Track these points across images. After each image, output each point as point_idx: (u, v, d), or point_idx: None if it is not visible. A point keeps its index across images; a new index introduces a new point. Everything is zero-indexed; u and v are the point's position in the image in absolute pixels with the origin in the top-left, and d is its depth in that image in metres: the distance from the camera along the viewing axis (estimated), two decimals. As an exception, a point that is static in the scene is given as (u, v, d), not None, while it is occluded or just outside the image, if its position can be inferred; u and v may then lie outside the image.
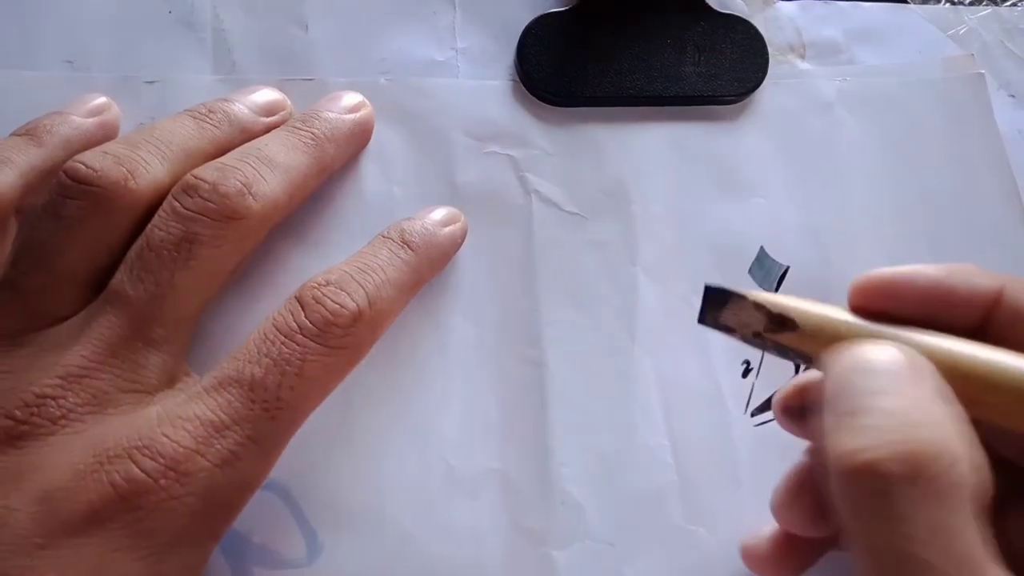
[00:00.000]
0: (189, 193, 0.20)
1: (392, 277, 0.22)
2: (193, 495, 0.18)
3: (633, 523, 0.24)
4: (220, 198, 0.21)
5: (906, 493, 0.15)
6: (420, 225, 0.24)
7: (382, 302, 0.21)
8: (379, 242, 0.23)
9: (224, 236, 0.21)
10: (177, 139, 0.22)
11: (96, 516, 0.17)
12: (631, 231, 0.27)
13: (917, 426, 0.15)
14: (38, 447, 0.18)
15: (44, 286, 0.20)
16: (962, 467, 0.15)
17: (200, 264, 0.20)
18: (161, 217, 0.20)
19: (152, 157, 0.21)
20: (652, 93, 0.28)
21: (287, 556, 0.22)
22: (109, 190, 0.20)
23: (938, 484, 0.15)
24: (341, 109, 0.25)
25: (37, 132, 0.22)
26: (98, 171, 0.20)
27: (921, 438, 0.15)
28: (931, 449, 0.15)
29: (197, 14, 0.26)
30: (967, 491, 0.15)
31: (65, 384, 0.19)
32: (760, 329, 0.18)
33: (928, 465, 0.15)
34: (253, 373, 0.19)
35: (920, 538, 0.15)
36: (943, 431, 0.15)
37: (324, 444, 0.23)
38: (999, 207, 0.29)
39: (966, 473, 0.15)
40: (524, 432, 0.24)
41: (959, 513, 0.15)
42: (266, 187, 0.21)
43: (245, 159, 0.22)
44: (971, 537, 0.15)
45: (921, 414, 0.16)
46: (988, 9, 0.32)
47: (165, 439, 0.18)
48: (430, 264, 0.23)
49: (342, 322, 0.20)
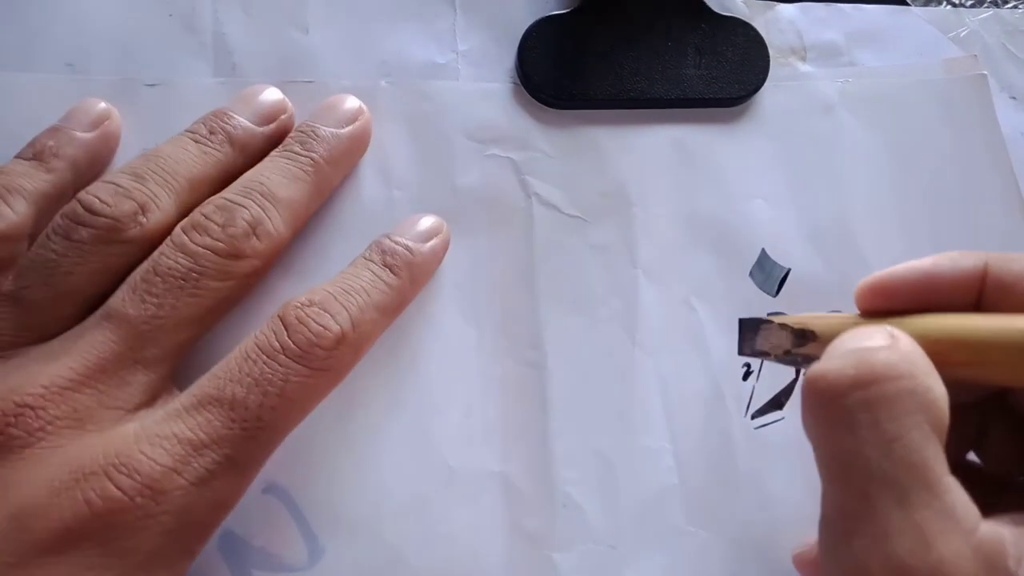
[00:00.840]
0: (199, 231, 0.21)
1: (375, 300, 0.22)
2: (168, 514, 0.18)
3: (634, 525, 0.24)
4: (228, 239, 0.21)
5: (857, 398, 0.17)
6: (402, 245, 0.23)
7: (365, 325, 0.21)
8: (361, 263, 0.23)
9: (229, 272, 0.21)
10: (182, 169, 0.22)
11: (70, 535, 0.17)
12: (632, 234, 0.27)
13: (874, 350, 0.17)
14: (13, 461, 0.18)
15: (45, 302, 0.20)
16: (914, 382, 0.17)
17: (204, 295, 0.21)
18: (170, 247, 0.21)
19: (160, 190, 0.22)
20: (653, 95, 0.28)
21: (288, 560, 0.22)
22: (121, 222, 0.21)
23: (885, 389, 0.17)
24: (339, 121, 0.25)
25: (43, 156, 0.22)
26: (111, 206, 0.21)
27: (876, 359, 0.17)
28: (883, 366, 0.17)
29: (197, 17, 0.26)
30: (918, 402, 0.17)
31: (47, 395, 0.19)
32: (789, 347, 0.20)
33: (878, 375, 0.17)
34: (234, 393, 0.19)
35: (870, 440, 0.16)
36: (897, 355, 0.17)
37: (325, 448, 0.23)
38: (1001, 209, 0.29)
39: (919, 389, 0.17)
40: (525, 434, 0.24)
41: (908, 418, 0.16)
42: (270, 226, 0.22)
43: (250, 196, 0.22)
44: (921, 444, 0.16)
45: (881, 347, 0.17)
46: (990, 11, 0.32)
47: (142, 457, 0.18)
48: (412, 284, 0.24)
49: (325, 344, 0.20)
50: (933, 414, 0.17)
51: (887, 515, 0.16)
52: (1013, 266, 0.19)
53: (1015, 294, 0.19)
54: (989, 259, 0.20)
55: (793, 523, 0.24)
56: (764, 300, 0.27)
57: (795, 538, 0.24)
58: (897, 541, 0.16)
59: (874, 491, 0.16)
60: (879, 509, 0.16)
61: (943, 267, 0.20)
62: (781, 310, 0.26)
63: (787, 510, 0.24)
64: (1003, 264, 0.20)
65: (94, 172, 0.23)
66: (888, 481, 0.16)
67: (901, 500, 0.16)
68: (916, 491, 0.16)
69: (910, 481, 0.16)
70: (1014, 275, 0.19)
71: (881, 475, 0.16)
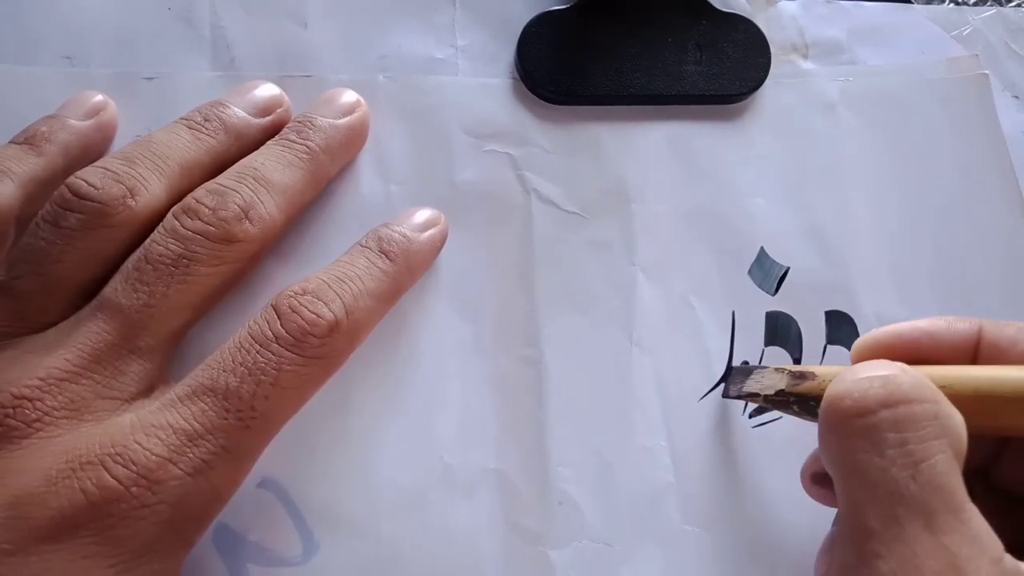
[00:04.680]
0: (189, 215, 0.21)
1: (370, 287, 0.22)
2: (164, 504, 0.18)
3: (631, 523, 0.24)
4: (219, 222, 0.21)
5: (886, 416, 0.17)
6: (399, 233, 0.23)
7: (359, 312, 0.21)
8: (357, 251, 0.23)
9: (221, 257, 0.21)
10: (174, 153, 0.22)
11: (66, 523, 0.17)
12: (631, 231, 0.26)
13: (898, 377, 0.18)
14: (11, 451, 0.18)
15: (37, 291, 0.20)
16: (937, 407, 0.17)
17: (196, 281, 0.21)
18: (161, 234, 0.21)
19: (150, 174, 0.21)
20: (653, 92, 0.27)
21: (283, 554, 0.22)
22: (109, 205, 0.20)
23: (914, 410, 0.17)
24: (336, 112, 0.24)
25: (35, 140, 0.22)
26: (99, 189, 0.21)
27: (902, 380, 0.17)
28: (910, 387, 0.17)
29: (196, 10, 0.26)
30: (942, 426, 0.17)
31: (44, 387, 0.19)
32: (783, 387, 0.21)
33: (906, 396, 0.17)
34: (228, 382, 0.19)
35: (898, 461, 0.17)
36: (921, 383, 0.18)
37: (321, 443, 0.23)
38: (1002, 208, 0.29)
39: (942, 414, 0.17)
40: (522, 432, 0.24)
41: (935, 442, 0.17)
42: (263, 210, 0.22)
43: (243, 180, 0.22)
44: (947, 468, 0.17)
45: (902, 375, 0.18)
46: (992, 9, 0.32)
47: (138, 447, 0.18)
48: (409, 272, 0.23)
49: (319, 332, 0.20)
50: (955, 440, 0.17)
51: (916, 538, 0.16)
52: (1007, 331, 0.20)
53: (1009, 358, 0.20)
54: (983, 324, 0.20)
55: (790, 522, 0.24)
56: (763, 298, 0.26)
57: (792, 537, 0.24)
58: (927, 565, 0.16)
59: (902, 512, 0.16)
60: (907, 531, 0.16)
61: (939, 328, 0.21)
62: (780, 308, 0.26)
63: (784, 509, 0.24)
64: (997, 330, 0.20)
65: (87, 161, 0.23)
66: (917, 504, 0.16)
67: (929, 523, 0.16)
68: (943, 515, 0.16)
69: (937, 505, 0.16)
70: (1008, 339, 0.20)
71: (910, 497, 0.16)
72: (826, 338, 0.26)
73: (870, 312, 0.27)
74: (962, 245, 0.28)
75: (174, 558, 0.19)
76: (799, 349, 0.26)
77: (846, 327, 0.26)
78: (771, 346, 0.26)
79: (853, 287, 0.27)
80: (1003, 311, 0.27)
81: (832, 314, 0.27)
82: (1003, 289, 0.28)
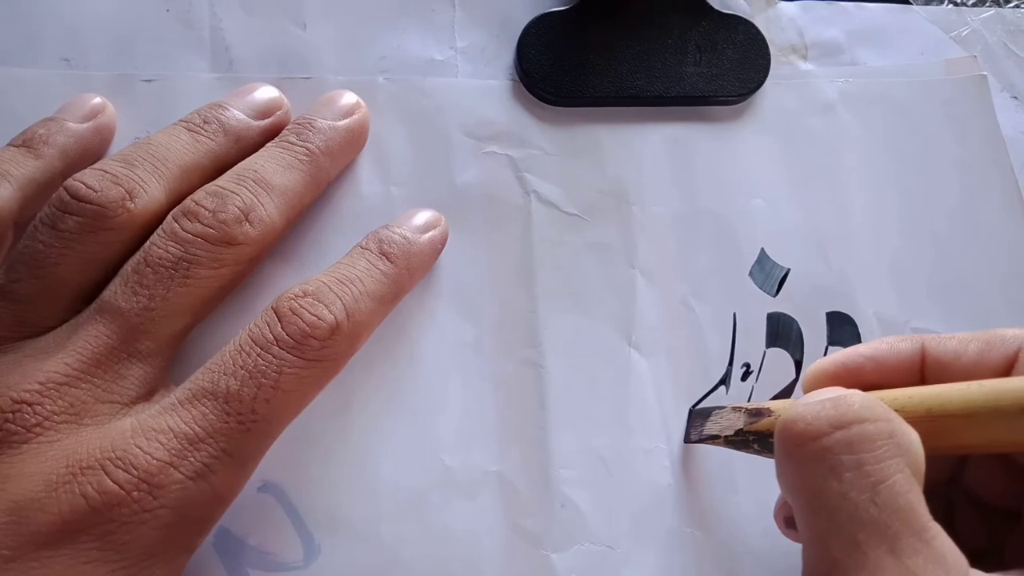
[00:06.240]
0: (189, 218, 0.21)
1: (371, 289, 0.22)
2: (166, 508, 0.18)
3: (631, 526, 0.24)
4: (219, 224, 0.21)
5: (839, 438, 0.17)
6: (399, 235, 0.23)
7: (360, 314, 0.21)
8: (357, 253, 0.23)
9: (221, 260, 0.21)
10: (173, 156, 0.22)
11: (67, 528, 0.17)
12: (630, 232, 0.26)
13: (849, 397, 0.17)
14: (11, 456, 0.18)
15: (36, 294, 0.20)
16: (891, 425, 0.17)
17: (196, 283, 0.21)
18: (160, 236, 0.21)
19: (149, 176, 0.21)
20: (653, 93, 0.27)
21: (284, 558, 0.22)
22: (108, 208, 0.20)
23: (866, 429, 0.17)
24: (336, 114, 0.24)
25: (33, 143, 0.22)
26: (97, 191, 0.20)
27: (853, 400, 0.17)
28: (860, 407, 0.17)
29: (195, 12, 0.26)
30: (897, 444, 0.17)
31: (43, 391, 0.19)
32: (741, 426, 0.21)
33: (858, 415, 0.17)
34: (228, 386, 0.19)
35: (856, 484, 0.16)
36: (872, 402, 0.17)
37: (322, 446, 0.23)
38: (1001, 209, 0.29)
39: (896, 432, 0.17)
40: (522, 434, 0.24)
41: (891, 461, 0.16)
42: (263, 212, 0.22)
43: (242, 183, 0.22)
44: (906, 487, 0.16)
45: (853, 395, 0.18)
46: (991, 11, 0.32)
47: (139, 451, 0.18)
48: (410, 274, 0.23)
49: (319, 334, 0.20)
50: (912, 458, 0.17)
51: (880, 564, 0.16)
52: (948, 344, 0.20)
53: (953, 372, 0.20)
54: (925, 341, 0.20)
55: (791, 524, 0.24)
56: (764, 300, 0.26)
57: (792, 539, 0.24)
58: None
59: (864, 538, 0.16)
60: (870, 558, 0.16)
61: (882, 351, 0.21)
62: (781, 310, 0.26)
63: (785, 510, 0.24)
64: (938, 344, 0.20)
65: (86, 163, 0.23)
66: (879, 527, 0.16)
67: (893, 547, 0.16)
68: (906, 538, 0.16)
69: (900, 527, 0.16)
70: (950, 353, 0.20)
71: (871, 521, 0.16)
72: (827, 339, 0.26)
73: (870, 313, 0.27)
74: (961, 245, 0.28)
75: (175, 563, 0.19)
76: (800, 350, 0.26)
77: (847, 328, 0.27)
78: (773, 347, 0.26)
79: (853, 288, 0.27)
80: (1003, 311, 0.28)
81: (833, 315, 0.27)
82: (1003, 289, 0.28)
